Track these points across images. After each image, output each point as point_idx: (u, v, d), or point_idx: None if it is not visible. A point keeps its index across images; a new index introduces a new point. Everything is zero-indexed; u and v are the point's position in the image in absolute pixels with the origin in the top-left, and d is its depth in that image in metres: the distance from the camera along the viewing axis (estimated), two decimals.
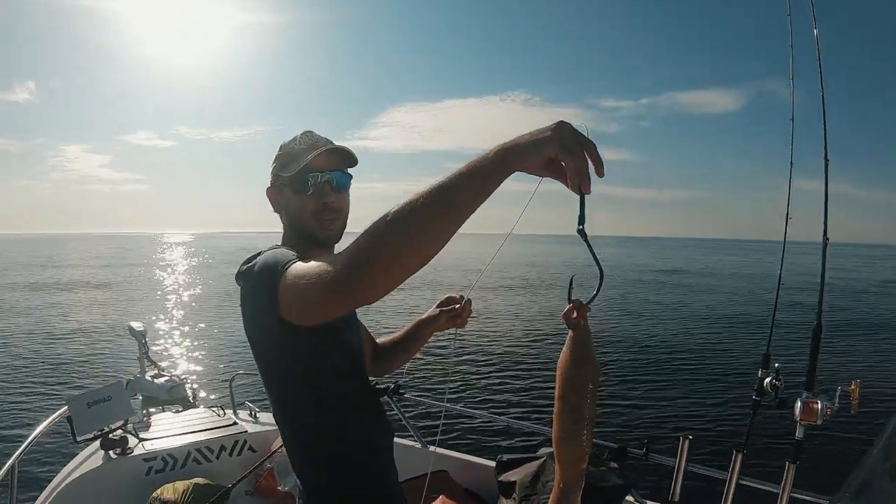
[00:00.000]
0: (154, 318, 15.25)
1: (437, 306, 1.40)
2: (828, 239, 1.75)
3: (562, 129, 0.69)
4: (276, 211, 1.19)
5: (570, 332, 0.82)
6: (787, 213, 1.98)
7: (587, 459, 0.85)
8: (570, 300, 0.81)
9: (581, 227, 0.73)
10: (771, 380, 1.90)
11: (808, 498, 1.84)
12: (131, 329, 3.10)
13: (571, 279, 0.84)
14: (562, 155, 0.69)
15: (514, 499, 1.88)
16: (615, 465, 1.98)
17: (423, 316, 1.42)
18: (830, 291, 1.78)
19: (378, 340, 1.45)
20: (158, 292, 22.49)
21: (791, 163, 1.93)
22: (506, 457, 2.12)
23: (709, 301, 21.47)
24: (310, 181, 1.10)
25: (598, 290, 0.79)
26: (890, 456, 1.26)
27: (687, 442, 1.94)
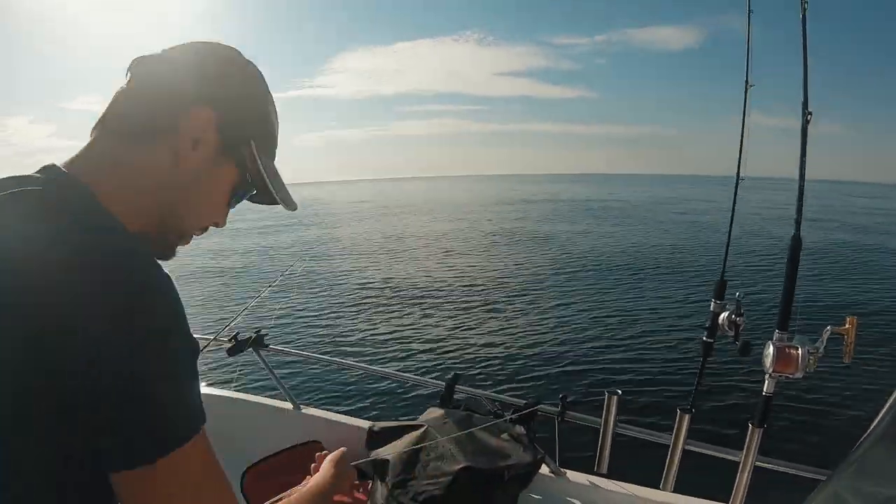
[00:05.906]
0: None
1: None
2: (810, 113, 1.26)
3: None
4: (169, 144, 0.61)
5: None
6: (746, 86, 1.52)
7: None
8: None
9: None
10: (729, 315, 1.45)
11: (778, 468, 1.45)
12: None
13: None
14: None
15: (386, 484, 1.41)
16: (522, 430, 1.53)
17: None
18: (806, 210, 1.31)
19: None
20: None
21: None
22: (378, 426, 1.65)
23: (657, 233, 19.16)
24: (250, 181, 0.69)
25: None
26: None
27: (615, 399, 1.51)
